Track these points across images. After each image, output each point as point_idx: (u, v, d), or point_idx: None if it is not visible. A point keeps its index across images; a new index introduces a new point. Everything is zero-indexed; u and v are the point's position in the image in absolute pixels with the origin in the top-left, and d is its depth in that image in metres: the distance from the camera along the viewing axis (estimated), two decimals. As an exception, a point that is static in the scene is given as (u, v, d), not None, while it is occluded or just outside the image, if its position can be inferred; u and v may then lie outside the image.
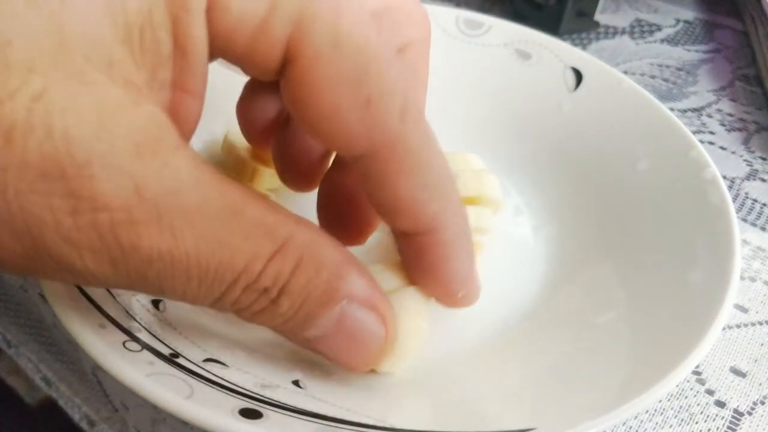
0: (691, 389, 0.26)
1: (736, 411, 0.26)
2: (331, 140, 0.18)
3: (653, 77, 0.45)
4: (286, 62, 0.17)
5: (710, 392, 0.26)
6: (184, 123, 0.17)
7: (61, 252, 0.15)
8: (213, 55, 0.18)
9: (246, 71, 0.18)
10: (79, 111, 0.14)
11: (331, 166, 0.24)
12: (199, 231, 0.16)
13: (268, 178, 0.29)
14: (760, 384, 0.27)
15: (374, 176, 0.18)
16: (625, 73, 0.44)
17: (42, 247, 0.15)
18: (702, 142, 0.38)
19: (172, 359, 0.20)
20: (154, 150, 0.15)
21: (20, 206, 0.14)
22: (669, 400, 0.26)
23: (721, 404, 0.26)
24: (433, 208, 0.19)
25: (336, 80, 0.16)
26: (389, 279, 0.21)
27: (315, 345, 0.19)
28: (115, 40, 0.15)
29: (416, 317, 0.21)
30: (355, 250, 0.21)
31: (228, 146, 0.30)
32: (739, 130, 0.40)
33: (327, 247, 0.18)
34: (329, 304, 0.18)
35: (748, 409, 0.26)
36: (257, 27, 0.16)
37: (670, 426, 0.25)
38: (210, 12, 0.16)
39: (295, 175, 0.24)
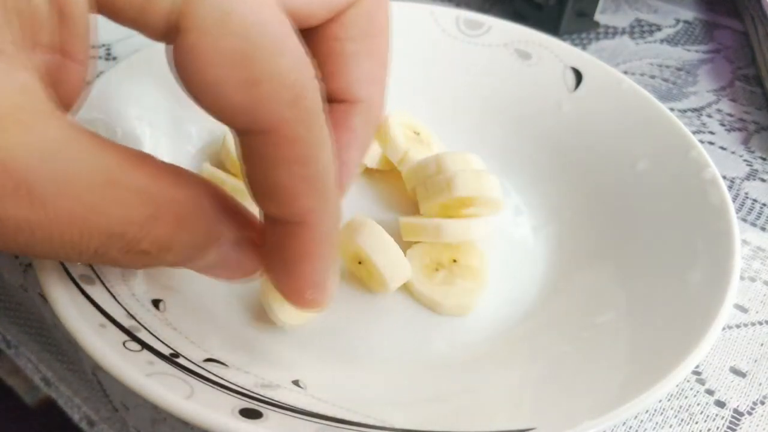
0: (691, 389, 0.26)
1: (735, 411, 0.26)
2: (214, 112, 0.18)
3: (653, 77, 0.45)
4: (174, 32, 0.17)
5: (710, 392, 0.26)
6: (67, 89, 0.17)
7: None
8: (103, 14, 0.17)
9: (140, 32, 0.18)
10: None
11: None
12: (69, 198, 0.15)
13: None
14: (760, 384, 0.27)
15: (256, 156, 0.18)
16: (625, 73, 0.44)
17: None
18: (702, 142, 0.38)
19: (172, 359, 0.20)
20: (17, 119, 0.15)
21: None
22: (669, 400, 0.26)
23: (721, 404, 0.26)
24: (306, 202, 0.18)
25: (220, 58, 0.16)
26: None
27: (201, 272, 0.20)
28: None
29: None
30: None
31: (228, 147, 0.30)
32: (739, 130, 0.40)
33: (204, 200, 0.18)
34: (208, 250, 0.19)
35: (748, 408, 0.26)
36: None
37: (670, 426, 0.25)
38: None
39: None
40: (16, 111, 0.15)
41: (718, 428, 0.25)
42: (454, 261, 0.28)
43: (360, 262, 0.27)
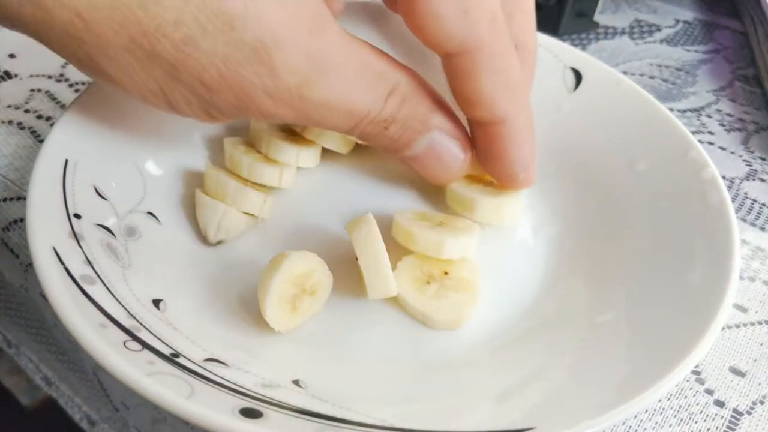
0: (691, 389, 0.26)
1: (735, 410, 0.26)
2: (430, 39, 0.23)
3: (653, 77, 0.45)
4: None
5: (709, 392, 0.26)
6: (331, 5, 0.25)
7: (262, 102, 0.22)
8: None
9: None
10: (267, 3, 0.20)
11: None
12: (344, 82, 0.23)
13: (268, 177, 0.30)
14: (760, 383, 0.27)
15: (461, 72, 0.24)
16: (625, 73, 0.44)
17: (250, 101, 0.22)
18: (701, 142, 0.38)
19: (172, 359, 0.21)
20: (319, 28, 0.22)
21: (234, 76, 0.21)
22: (668, 399, 0.26)
23: (720, 404, 0.26)
24: (506, 104, 0.24)
25: None
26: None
27: (412, 162, 0.27)
28: None
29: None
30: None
31: (227, 149, 0.30)
32: (739, 130, 0.40)
33: (424, 90, 0.25)
34: (424, 132, 0.25)
35: (748, 408, 0.26)
36: None
37: (670, 425, 0.25)
38: None
39: None
40: (318, 22, 0.22)
41: (717, 428, 0.25)
42: (446, 273, 0.27)
43: (356, 258, 0.27)
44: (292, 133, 0.31)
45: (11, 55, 0.39)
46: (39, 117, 0.35)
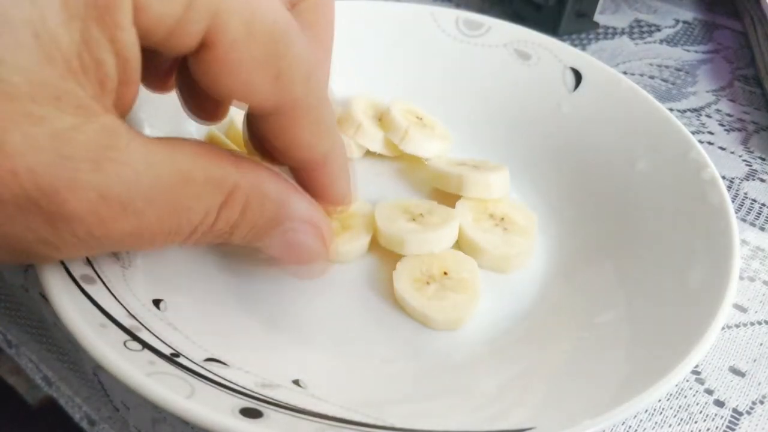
0: (690, 389, 0.26)
1: (735, 410, 0.26)
2: (244, 103, 0.21)
3: (652, 77, 0.45)
4: (201, 48, 0.19)
5: (709, 392, 0.26)
6: (126, 105, 0.20)
7: (44, 252, 0.19)
8: None
9: (159, 51, 0.20)
10: (36, 149, 0.17)
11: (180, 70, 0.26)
12: (158, 205, 0.19)
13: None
14: (759, 383, 0.27)
15: (278, 128, 0.22)
16: (625, 73, 0.44)
17: (29, 253, 0.19)
18: (701, 142, 0.38)
19: (172, 359, 0.21)
20: (109, 158, 0.18)
21: (4, 233, 0.18)
22: (668, 399, 0.26)
23: (720, 404, 0.26)
24: (323, 148, 0.23)
25: (250, 63, 0.19)
26: None
27: (267, 253, 0.24)
28: (58, 76, 0.17)
29: None
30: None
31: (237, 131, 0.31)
32: (738, 130, 0.40)
33: (269, 183, 0.22)
34: (275, 228, 0.23)
35: (747, 408, 0.26)
36: (174, 23, 0.18)
37: (670, 425, 0.25)
38: (134, 16, 0.18)
39: (196, 107, 0.27)
40: (108, 151, 0.18)
41: (717, 428, 0.25)
42: (445, 273, 0.27)
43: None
44: None
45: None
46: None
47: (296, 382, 0.22)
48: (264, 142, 0.24)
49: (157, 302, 0.23)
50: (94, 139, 0.18)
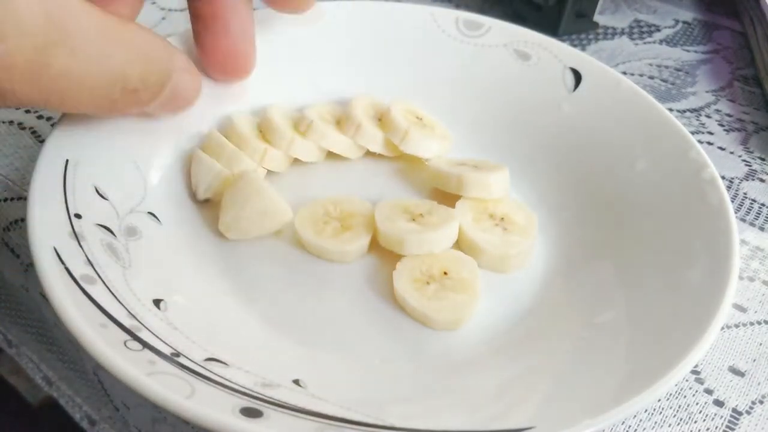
0: (690, 388, 0.26)
1: (734, 410, 0.26)
2: None
3: (652, 78, 0.45)
4: None
5: (709, 391, 0.26)
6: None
7: None
8: None
9: None
10: None
11: None
12: (94, 52, 0.21)
13: (276, 160, 0.31)
14: (759, 383, 0.27)
15: None
16: (624, 73, 0.44)
17: None
18: (701, 142, 0.38)
19: (173, 358, 0.21)
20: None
21: None
22: (668, 399, 0.26)
23: (719, 403, 0.26)
24: None
25: None
26: None
27: (164, 108, 0.26)
28: None
29: None
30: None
31: (237, 130, 0.31)
32: (738, 130, 0.41)
33: (158, 41, 0.24)
34: (169, 78, 0.25)
35: (747, 408, 0.26)
36: None
37: (669, 425, 0.25)
38: None
39: None
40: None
41: (716, 428, 0.25)
42: (445, 273, 0.28)
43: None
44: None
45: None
46: (39, 117, 0.35)
47: (296, 382, 0.22)
48: None
49: (157, 302, 0.24)
50: None
